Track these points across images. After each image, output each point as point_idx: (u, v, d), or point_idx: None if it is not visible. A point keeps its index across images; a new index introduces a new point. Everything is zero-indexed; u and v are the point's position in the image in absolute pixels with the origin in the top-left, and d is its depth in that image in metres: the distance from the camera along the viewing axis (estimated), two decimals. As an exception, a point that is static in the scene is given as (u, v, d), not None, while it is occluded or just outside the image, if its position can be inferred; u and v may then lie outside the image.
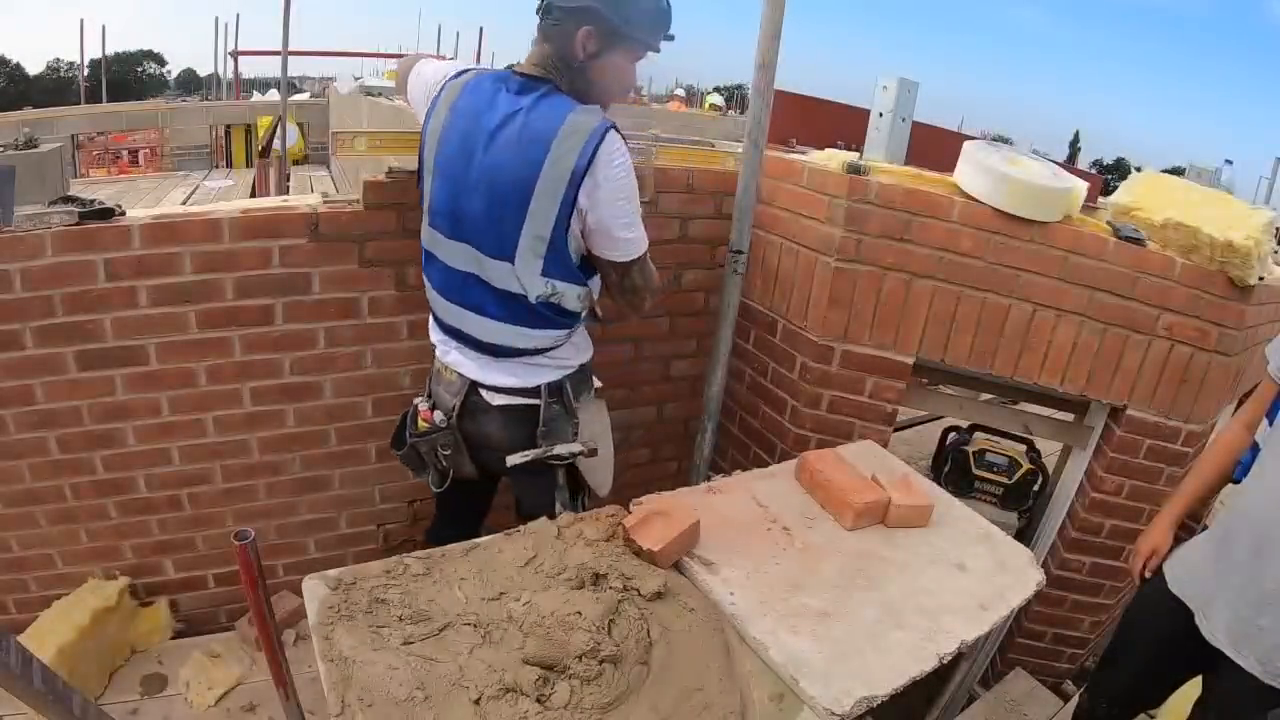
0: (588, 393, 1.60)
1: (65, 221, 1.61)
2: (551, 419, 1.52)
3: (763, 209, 2.11)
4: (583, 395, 1.57)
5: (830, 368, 2.03)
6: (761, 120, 1.87)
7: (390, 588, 1.18)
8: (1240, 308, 1.85)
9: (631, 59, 1.43)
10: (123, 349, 1.73)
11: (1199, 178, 3.20)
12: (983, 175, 1.86)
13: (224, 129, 11.29)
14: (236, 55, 15.42)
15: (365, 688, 1.01)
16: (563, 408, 1.53)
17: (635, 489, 1.64)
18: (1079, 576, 2.21)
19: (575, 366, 1.55)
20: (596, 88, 1.42)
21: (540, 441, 1.52)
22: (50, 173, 6.35)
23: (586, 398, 1.59)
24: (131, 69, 36.51)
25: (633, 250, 1.41)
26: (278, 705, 1.48)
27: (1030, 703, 2.22)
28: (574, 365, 1.55)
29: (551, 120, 1.32)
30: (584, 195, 1.32)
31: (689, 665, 1.13)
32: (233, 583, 2.06)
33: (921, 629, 1.27)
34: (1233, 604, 1.42)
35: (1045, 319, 1.93)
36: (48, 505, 1.83)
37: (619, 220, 1.37)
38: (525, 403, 1.51)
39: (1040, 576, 1.47)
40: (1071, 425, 2.27)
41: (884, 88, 2.28)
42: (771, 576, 1.34)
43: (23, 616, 1.87)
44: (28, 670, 0.87)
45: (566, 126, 1.31)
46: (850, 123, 5.18)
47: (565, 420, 1.54)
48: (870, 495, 1.52)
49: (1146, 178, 2.14)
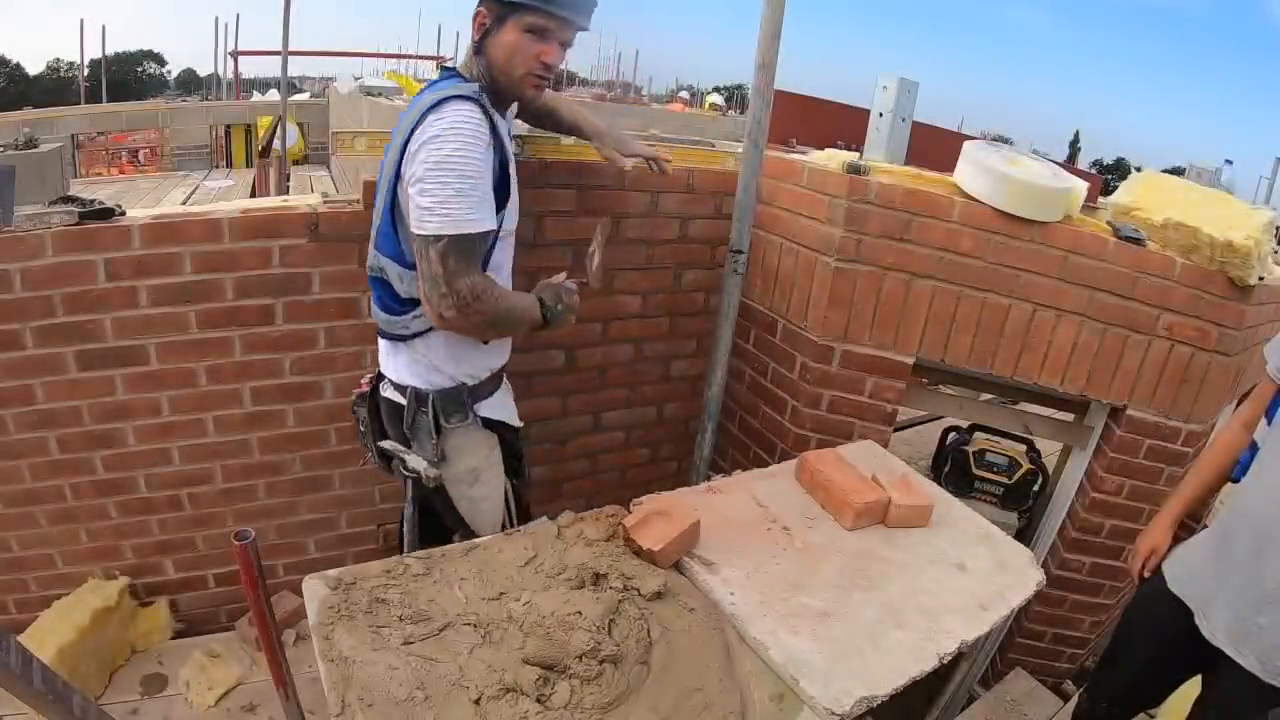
0: (463, 417, 1.45)
1: (65, 221, 1.61)
2: (414, 425, 1.44)
3: (763, 209, 2.11)
4: (453, 417, 1.44)
5: (830, 368, 2.03)
6: (761, 120, 1.87)
7: (390, 588, 1.18)
8: (1240, 308, 1.85)
9: (525, 31, 1.30)
10: (123, 349, 1.73)
11: (1199, 178, 3.20)
12: (983, 175, 1.86)
13: (224, 129, 11.29)
14: (236, 55, 15.43)
15: (365, 688, 1.01)
16: (428, 420, 1.43)
17: (635, 489, 1.64)
18: (1079, 576, 2.21)
19: (445, 386, 1.43)
20: (494, 69, 1.34)
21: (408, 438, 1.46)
22: (50, 173, 6.36)
23: (461, 422, 1.45)
24: (131, 69, 36.48)
25: (426, 223, 1.23)
26: (278, 705, 1.48)
27: (1030, 703, 2.22)
28: (443, 385, 1.43)
29: (416, 101, 1.31)
30: (405, 162, 1.26)
31: (689, 665, 1.13)
32: (233, 583, 2.06)
33: (921, 629, 1.27)
34: (1232, 603, 1.42)
35: (1045, 319, 1.93)
36: (48, 505, 1.83)
37: (418, 184, 1.24)
38: (398, 400, 1.47)
39: (1040, 576, 1.47)
40: (1071, 425, 2.27)
41: (884, 88, 2.28)
42: (771, 576, 1.34)
43: (23, 616, 1.88)
44: (28, 670, 0.87)
45: (421, 100, 1.28)
46: (850, 123, 5.19)
47: (427, 435, 1.43)
48: (870, 495, 1.52)
49: (1146, 178, 2.14)
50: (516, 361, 2.05)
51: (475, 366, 1.47)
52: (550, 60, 1.34)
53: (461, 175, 1.23)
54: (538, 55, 1.33)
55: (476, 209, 1.26)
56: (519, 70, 1.34)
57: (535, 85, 1.38)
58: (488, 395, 1.50)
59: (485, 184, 1.28)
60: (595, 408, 2.28)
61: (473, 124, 1.24)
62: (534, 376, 2.12)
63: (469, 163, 1.24)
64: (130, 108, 11.41)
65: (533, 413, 2.17)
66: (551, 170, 1.91)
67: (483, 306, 1.29)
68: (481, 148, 1.26)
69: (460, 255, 1.25)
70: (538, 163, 1.88)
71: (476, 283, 1.28)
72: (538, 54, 1.33)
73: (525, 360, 2.08)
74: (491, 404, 1.51)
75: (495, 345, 1.50)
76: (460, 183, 1.23)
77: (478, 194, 1.26)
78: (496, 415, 1.51)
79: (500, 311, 1.34)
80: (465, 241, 1.25)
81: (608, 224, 1.67)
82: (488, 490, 1.51)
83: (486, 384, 1.50)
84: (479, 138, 1.25)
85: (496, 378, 1.53)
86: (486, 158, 1.28)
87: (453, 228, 1.23)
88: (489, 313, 1.31)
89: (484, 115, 1.27)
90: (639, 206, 2.06)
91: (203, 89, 27.66)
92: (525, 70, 1.34)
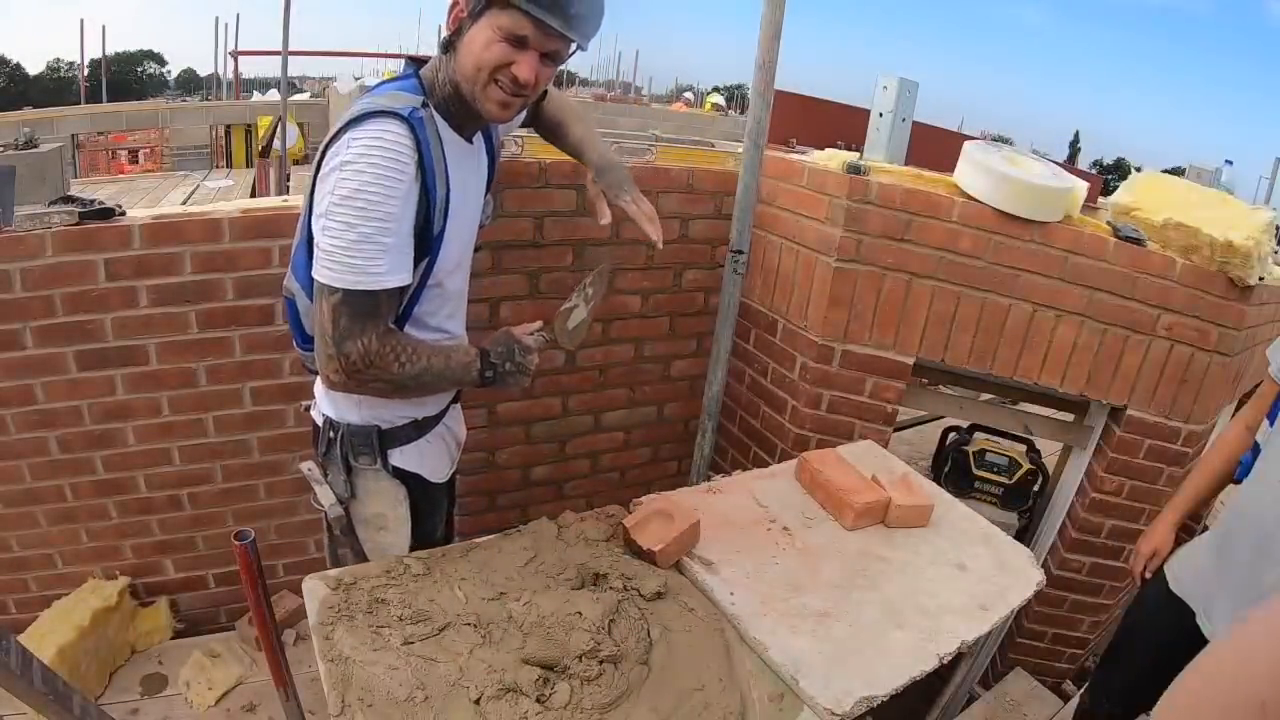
0: (371, 460, 1.29)
1: (65, 221, 1.61)
2: (328, 454, 1.30)
3: (763, 209, 2.11)
4: (362, 458, 1.29)
5: (830, 368, 2.03)
6: (761, 120, 1.87)
7: (390, 588, 1.18)
8: (1240, 308, 1.85)
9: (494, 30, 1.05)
10: (123, 349, 1.73)
11: (1199, 178, 3.20)
12: (983, 175, 1.86)
13: (224, 129, 11.31)
14: (236, 55, 15.44)
15: (365, 688, 1.01)
16: (338, 454, 1.29)
17: (635, 489, 1.64)
18: (1079, 576, 2.21)
19: (355, 422, 1.27)
20: (459, 75, 1.10)
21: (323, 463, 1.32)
22: (50, 173, 6.36)
23: (369, 465, 1.29)
24: (131, 69, 36.51)
25: (322, 267, 1.04)
26: (278, 705, 1.48)
27: (1030, 703, 2.22)
28: (353, 420, 1.27)
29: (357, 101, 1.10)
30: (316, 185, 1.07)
31: (689, 665, 1.13)
32: (233, 583, 2.06)
33: (922, 629, 1.27)
34: (1235, 604, 1.42)
35: (1045, 319, 1.93)
36: (48, 505, 1.83)
37: (321, 220, 1.04)
38: (317, 422, 1.34)
39: (1040, 576, 1.47)
40: (1071, 425, 2.27)
41: (884, 88, 2.28)
42: (771, 576, 1.34)
43: (23, 616, 1.88)
44: (28, 670, 0.86)
45: (353, 107, 1.07)
46: (850, 123, 5.19)
47: (338, 470, 1.30)
48: (870, 495, 1.52)
49: (1146, 178, 2.13)
50: (516, 361, 2.06)
51: (389, 412, 1.28)
52: (521, 75, 1.06)
53: (367, 216, 1.01)
54: (507, 65, 1.06)
55: (383, 258, 1.04)
56: (481, 80, 1.08)
57: (501, 104, 1.10)
58: (403, 442, 1.31)
59: (400, 227, 1.05)
60: (595, 408, 2.28)
61: (393, 151, 1.02)
62: (534, 376, 2.11)
63: (381, 201, 1.02)
64: (130, 108, 11.43)
65: (533, 413, 2.18)
66: (551, 171, 1.90)
67: (378, 374, 1.10)
68: (402, 182, 1.04)
69: (354, 314, 1.05)
70: (537, 164, 1.88)
71: (370, 347, 1.07)
72: (509, 64, 1.06)
73: (525, 360, 2.08)
74: (405, 453, 1.32)
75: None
76: (365, 225, 1.02)
77: (388, 239, 1.04)
78: (409, 467, 1.33)
79: (404, 377, 1.13)
80: (363, 298, 1.05)
81: (604, 273, 1.37)
82: (394, 540, 1.35)
83: (403, 430, 1.31)
84: (399, 170, 1.03)
85: (418, 425, 1.33)
86: (409, 195, 1.05)
87: (349, 280, 1.04)
88: (388, 379, 1.11)
89: (412, 139, 1.04)
90: (639, 206, 2.06)
91: (203, 89, 27.69)
92: (488, 81, 1.08)
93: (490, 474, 2.18)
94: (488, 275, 1.91)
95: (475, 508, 2.22)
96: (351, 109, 1.07)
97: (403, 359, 1.12)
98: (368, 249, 1.03)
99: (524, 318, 2.01)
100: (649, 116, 10.85)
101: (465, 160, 1.20)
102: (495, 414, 2.11)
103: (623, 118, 10.47)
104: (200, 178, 9.46)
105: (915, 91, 2.30)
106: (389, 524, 1.35)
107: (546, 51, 1.09)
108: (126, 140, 11.42)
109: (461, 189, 1.17)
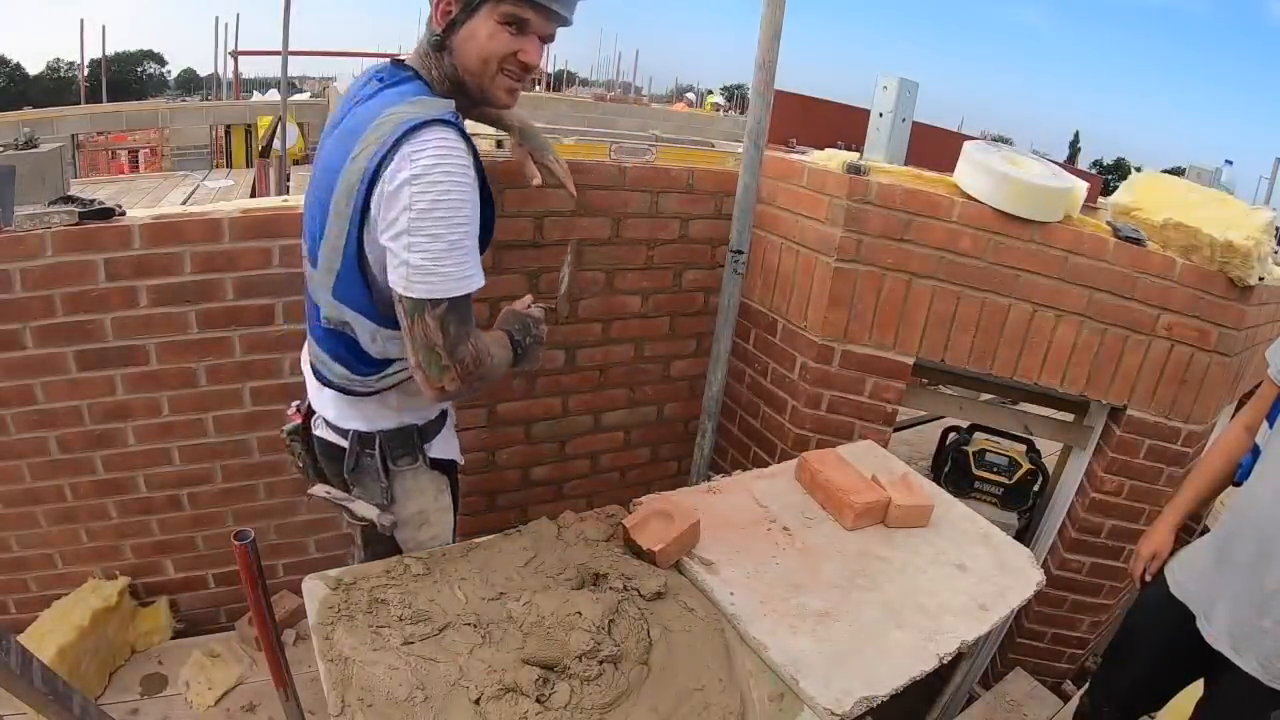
0: (412, 460, 1.31)
1: (65, 221, 1.61)
2: (358, 468, 1.30)
3: (763, 209, 2.11)
4: (401, 460, 1.30)
5: (830, 368, 2.03)
6: (761, 120, 1.87)
7: (390, 588, 1.18)
8: (1240, 308, 1.85)
9: (500, 23, 1.09)
10: (123, 349, 1.73)
11: (1199, 178, 3.21)
12: (983, 175, 1.86)
13: (224, 129, 11.32)
14: (236, 55, 15.43)
15: (365, 688, 1.01)
16: (375, 463, 1.28)
17: (635, 489, 1.64)
18: (1079, 576, 2.21)
19: (391, 427, 1.28)
20: (462, 69, 1.13)
21: (349, 483, 1.32)
22: (50, 173, 6.37)
23: (410, 465, 1.31)
24: (131, 69, 36.52)
25: (416, 285, 1.04)
26: (278, 705, 1.48)
27: (1030, 703, 2.22)
28: (389, 425, 1.28)
29: (374, 110, 1.09)
30: (374, 201, 1.05)
31: (689, 665, 1.13)
32: (233, 583, 2.06)
33: (922, 629, 1.27)
34: (1235, 606, 1.42)
35: (1045, 319, 1.93)
36: (48, 505, 1.83)
37: (403, 237, 1.04)
38: (337, 442, 1.31)
39: (1040, 576, 1.47)
40: (1071, 425, 2.27)
41: (884, 88, 2.29)
42: (771, 576, 1.34)
43: (23, 616, 1.88)
44: (28, 670, 0.86)
45: (382, 117, 1.06)
46: (850, 123, 5.19)
47: (375, 479, 1.29)
48: (870, 495, 1.52)
49: (1146, 178, 2.13)
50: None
51: (423, 407, 1.31)
52: (530, 60, 1.13)
53: (451, 224, 1.04)
54: (516, 53, 1.12)
55: (470, 261, 1.08)
56: (490, 71, 1.12)
57: (509, 91, 1.16)
58: (436, 434, 1.35)
59: (474, 230, 1.09)
60: (595, 408, 2.28)
61: (460, 158, 1.05)
62: (534, 376, 2.12)
63: (460, 206, 1.04)
64: (130, 108, 11.43)
65: (533, 413, 2.17)
66: (551, 170, 1.90)
67: (484, 372, 1.14)
68: (472, 187, 1.07)
69: (460, 320, 1.08)
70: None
71: (479, 347, 1.12)
72: (515, 51, 1.12)
73: (525, 360, 2.08)
74: (439, 442, 1.36)
75: None
76: (452, 233, 1.04)
77: (470, 243, 1.08)
78: (445, 455, 1.37)
79: (494, 370, 1.17)
80: (463, 303, 1.08)
81: (574, 247, 1.51)
82: (436, 531, 1.38)
83: (435, 422, 1.35)
84: (466, 174, 1.05)
85: (444, 415, 1.38)
86: (475, 198, 1.09)
87: (449, 289, 1.05)
88: (484, 376, 1.15)
89: (465, 143, 1.07)
90: (640, 207, 2.06)
91: (203, 89, 27.68)
92: (496, 72, 1.13)
93: (490, 474, 2.18)
94: (488, 275, 1.90)
95: (475, 508, 2.22)
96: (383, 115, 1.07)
97: (489, 353, 1.16)
98: (457, 254, 1.05)
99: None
100: (649, 116, 10.85)
101: None
102: (495, 414, 2.11)
103: (623, 118, 10.46)
104: (200, 178, 9.46)
105: (915, 92, 2.31)
106: (430, 518, 1.36)
107: (543, 34, 1.14)
108: (126, 140, 11.42)
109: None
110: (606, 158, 2.00)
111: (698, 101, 17.57)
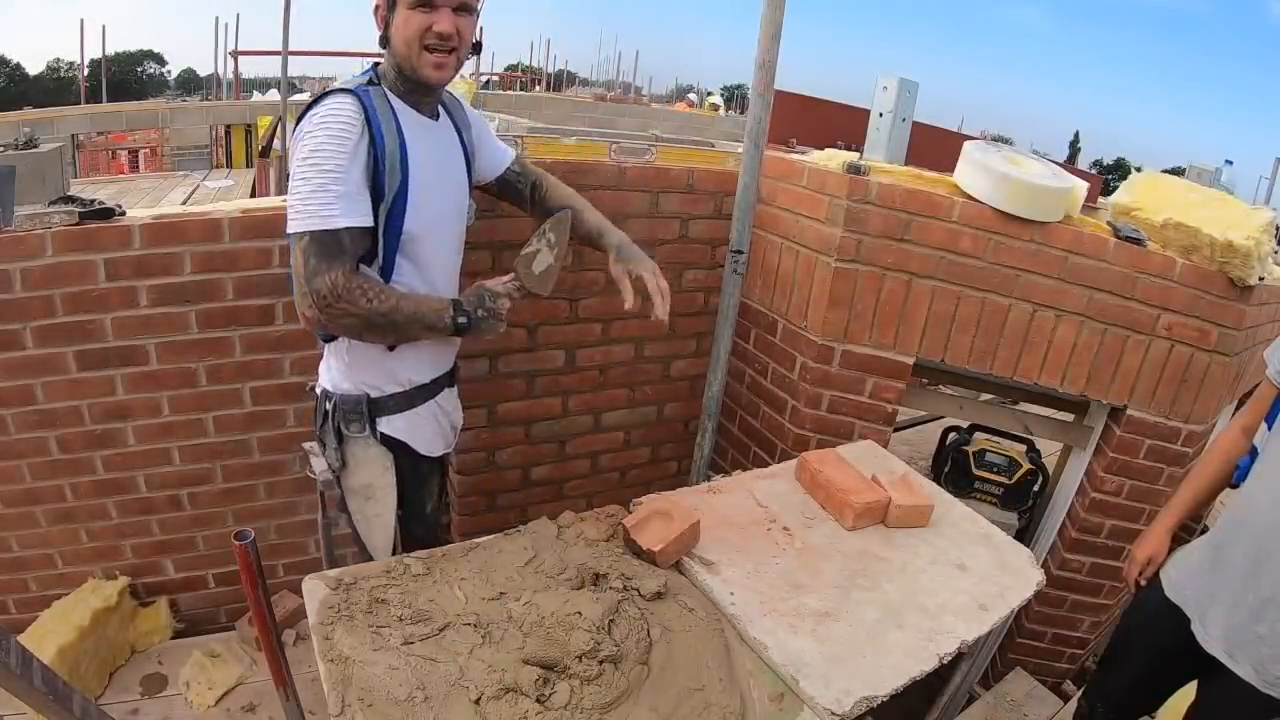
0: (360, 428, 1.40)
1: (65, 221, 1.61)
2: (322, 426, 1.42)
3: (763, 209, 2.11)
4: (352, 425, 1.40)
5: (830, 368, 2.03)
6: (761, 120, 1.87)
7: (390, 588, 1.18)
8: (1240, 308, 1.85)
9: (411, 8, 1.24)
10: (123, 349, 1.73)
11: (1199, 178, 3.21)
12: (983, 175, 1.86)
13: (224, 129, 11.31)
14: (236, 55, 15.41)
15: (365, 688, 1.01)
16: (331, 424, 1.40)
17: (635, 489, 1.64)
18: (1079, 576, 2.21)
19: (348, 392, 1.39)
20: (398, 58, 1.29)
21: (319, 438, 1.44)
22: (50, 173, 6.37)
23: (359, 433, 1.40)
24: (131, 69, 36.50)
25: (291, 221, 1.21)
26: (278, 705, 1.49)
27: (1030, 703, 2.22)
28: (344, 389, 1.39)
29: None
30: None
31: (689, 665, 1.13)
32: (233, 583, 2.06)
33: (922, 629, 1.27)
34: (1230, 611, 1.41)
35: (1045, 319, 1.93)
36: (48, 505, 1.83)
37: (290, 181, 1.23)
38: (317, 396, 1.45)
39: (1040, 576, 1.47)
40: (1071, 425, 2.27)
41: (884, 88, 2.29)
42: (771, 576, 1.34)
43: (23, 616, 1.88)
44: (28, 670, 0.87)
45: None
46: (850, 123, 5.19)
47: (331, 437, 1.41)
48: (870, 495, 1.52)
49: (1146, 178, 2.14)
50: (519, 361, 2.06)
51: (376, 378, 1.39)
52: (441, 29, 1.24)
53: (321, 169, 1.19)
54: (429, 27, 1.24)
55: (338, 204, 1.20)
56: (414, 51, 1.26)
57: (436, 65, 1.28)
58: (392, 411, 1.42)
59: (351, 178, 1.21)
60: (595, 408, 2.28)
61: (343, 116, 1.20)
62: (534, 376, 2.12)
63: (331, 155, 1.19)
64: (130, 108, 11.42)
65: (533, 413, 2.17)
66: (550, 171, 1.90)
67: (347, 307, 1.21)
68: (349, 139, 1.20)
69: (320, 253, 1.19)
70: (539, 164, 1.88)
71: (337, 281, 1.20)
72: (429, 26, 1.24)
73: (526, 360, 2.08)
74: (394, 421, 1.42)
75: (401, 359, 1.40)
76: (320, 177, 1.19)
77: (339, 187, 1.20)
78: (398, 435, 1.43)
79: (373, 312, 1.23)
80: (325, 238, 1.20)
81: (565, 219, 1.45)
82: (380, 509, 1.45)
83: (392, 399, 1.41)
84: (348, 131, 1.20)
85: (408, 396, 1.43)
86: (356, 151, 1.21)
87: (310, 224, 1.19)
88: (358, 314, 1.22)
89: (358, 106, 1.22)
90: (640, 207, 2.06)
91: (203, 89, 27.69)
92: (420, 50, 1.26)
93: (490, 474, 2.19)
94: (488, 275, 1.90)
95: (475, 508, 2.22)
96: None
97: (369, 295, 1.23)
98: (321, 196, 1.19)
99: (523, 316, 2.02)
100: (649, 116, 10.83)
101: (425, 131, 1.36)
102: (495, 414, 2.11)
103: (623, 118, 10.45)
104: (200, 178, 9.45)
105: (915, 92, 2.30)
106: (376, 493, 1.45)
107: (454, 5, 1.26)
108: (126, 140, 11.42)
109: (424, 154, 1.32)
110: (606, 158, 2.00)
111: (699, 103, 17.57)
